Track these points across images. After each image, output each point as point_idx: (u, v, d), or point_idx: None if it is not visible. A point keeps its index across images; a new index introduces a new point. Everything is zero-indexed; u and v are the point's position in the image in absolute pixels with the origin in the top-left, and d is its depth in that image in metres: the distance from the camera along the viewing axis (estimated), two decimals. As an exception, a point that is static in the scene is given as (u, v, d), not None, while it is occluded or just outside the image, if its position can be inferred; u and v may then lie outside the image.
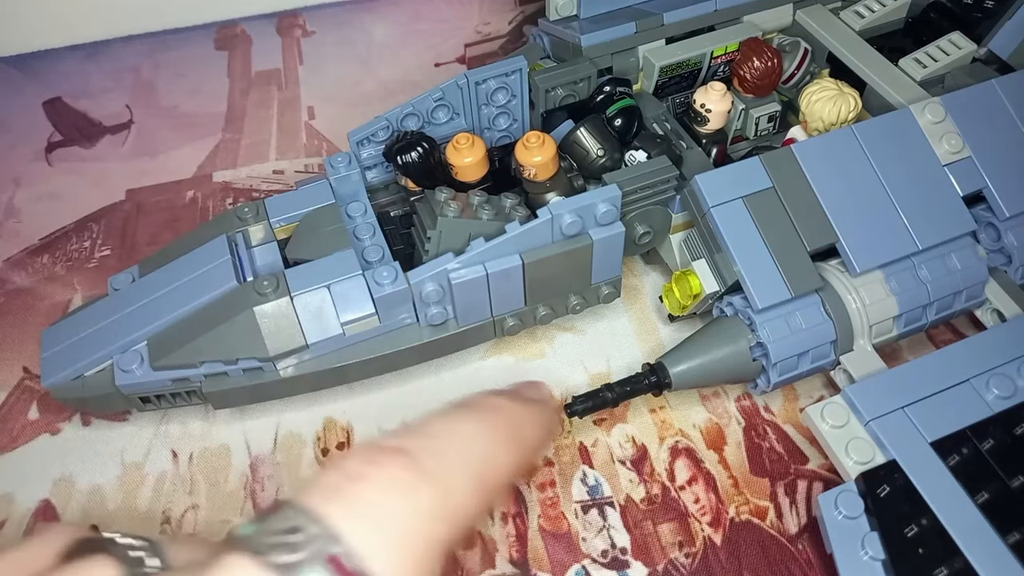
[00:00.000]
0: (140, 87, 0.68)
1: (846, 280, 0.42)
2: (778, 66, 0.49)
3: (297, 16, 0.73)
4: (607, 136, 0.47)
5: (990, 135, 0.45)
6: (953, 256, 0.43)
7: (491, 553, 0.42)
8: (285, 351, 0.41)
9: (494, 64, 0.48)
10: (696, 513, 0.43)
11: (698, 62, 0.51)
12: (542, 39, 0.55)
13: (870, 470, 0.37)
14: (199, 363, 0.41)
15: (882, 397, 0.39)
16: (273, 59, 0.70)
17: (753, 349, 0.42)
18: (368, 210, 0.46)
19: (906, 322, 0.43)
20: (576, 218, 0.41)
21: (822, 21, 0.53)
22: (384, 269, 0.42)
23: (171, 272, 0.43)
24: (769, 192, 0.42)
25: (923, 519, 0.36)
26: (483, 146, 0.46)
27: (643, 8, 0.52)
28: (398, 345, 0.43)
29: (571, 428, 0.46)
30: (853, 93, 0.47)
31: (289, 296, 0.41)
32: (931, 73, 0.49)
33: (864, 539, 0.36)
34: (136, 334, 0.42)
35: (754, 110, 0.50)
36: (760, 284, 0.41)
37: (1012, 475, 0.37)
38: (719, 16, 0.52)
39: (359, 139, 0.48)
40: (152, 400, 0.43)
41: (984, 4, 0.51)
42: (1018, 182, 0.44)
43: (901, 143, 0.44)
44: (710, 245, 0.43)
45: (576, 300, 0.46)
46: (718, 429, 0.46)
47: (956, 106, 0.45)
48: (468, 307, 0.43)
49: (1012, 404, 0.39)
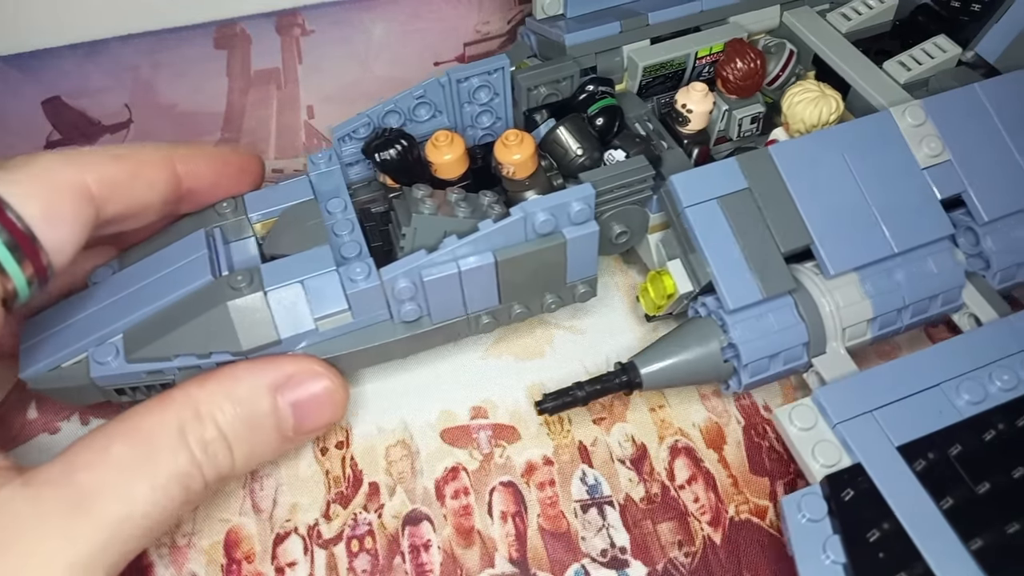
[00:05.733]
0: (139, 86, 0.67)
1: (820, 282, 0.42)
2: (761, 67, 0.48)
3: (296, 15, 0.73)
4: (587, 135, 0.47)
5: (971, 139, 0.45)
6: (930, 260, 0.43)
7: (490, 552, 0.43)
8: (258, 346, 0.41)
9: (476, 62, 0.48)
10: (696, 512, 0.43)
11: (682, 63, 0.51)
12: (530, 38, 0.55)
13: (835, 473, 0.37)
14: (173, 356, 0.42)
15: (851, 400, 0.39)
16: (272, 58, 0.70)
17: (725, 350, 0.42)
18: (348, 206, 0.46)
19: (881, 325, 0.43)
20: (549, 216, 0.41)
21: (808, 23, 0.53)
22: (358, 265, 0.42)
23: (148, 266, 0.44)
24: (744, 193, 0.42)
25: (886, 523, 0.36)
26: (462, 143, 0.46)
27: (630, 8, 0.52)
28: (372, 341, 0.43)
29: (570, 427, 0.47)
30: (835, 95, 0.47)
31: (263, 291, 0.41)
32: (915, 76, 0.49)
33: (826, 543, 0.36)
34: (112, 327, 0.42)
35: (737, 111, 0.50)
36: (732, 285, 0.41)
37: (978, 481, 0.37)
38: (705, 17, 0.52)
39: (341, 135, 0.48)
40: (127, 392, 0.43)
41: (971, 7, 0.51)
42: (998, 186, 0.44)
43: (880, 146, 0.44)
44: (684, 245, 0.43)
45: (552, 299, 0.46)
46: (718, 428, 0.46)
47: (937, 109, 0.45)
48: (441, 304, 0.43)
49: (982, 410, 0.39)
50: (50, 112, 0.66)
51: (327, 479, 0.45)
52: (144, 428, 0.37)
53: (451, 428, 0.47)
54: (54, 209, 0.36)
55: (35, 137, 0.65)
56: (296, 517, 0.44)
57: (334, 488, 0.45)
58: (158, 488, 0.36)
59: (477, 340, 0.51)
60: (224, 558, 0.43)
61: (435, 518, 0.44)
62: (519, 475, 0.45)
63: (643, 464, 0.45)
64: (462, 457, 0.46)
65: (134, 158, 0.41)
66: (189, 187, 0.44)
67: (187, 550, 0.43)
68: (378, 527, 0.44)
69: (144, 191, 0.41)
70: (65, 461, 0.35)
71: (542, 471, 0.45)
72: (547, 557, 0.42)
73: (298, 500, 0.45)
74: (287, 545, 0.43)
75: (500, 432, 0.47)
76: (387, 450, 0.47)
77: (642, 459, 0.45)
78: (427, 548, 0.43)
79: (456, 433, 0.47)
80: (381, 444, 0.47)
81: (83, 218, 0.38)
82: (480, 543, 0.43)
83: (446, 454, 0.46)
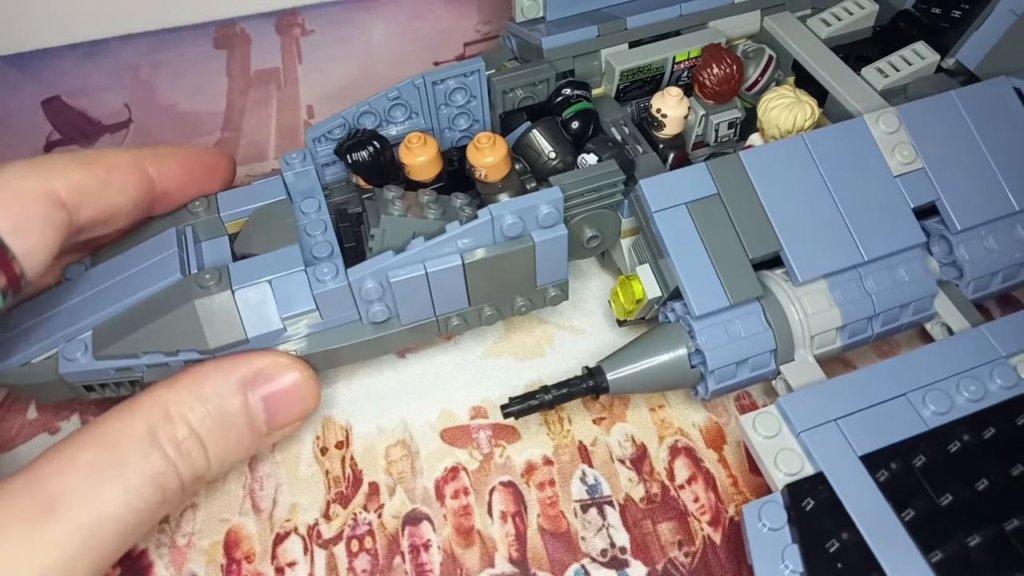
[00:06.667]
0: (139, 86, 0.67)
1: (789, 289, 0.42)
2: (738, 73, 0.48)
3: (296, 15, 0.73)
4: (560, 139, 0.47)
5: (946, 146, 0.44)
6: (901, 268, 0.43)
7: (490, 552, 0.43)
8: (225, 344, 0.41)
9: (451, 65, 0.48)
10: (696, 512, 0.43)
11: (660, 67, 0.51)
12: (511, 40, 0.55)
13: (796, 482, 0.37)
14: (141, 354, 0.42)
15: (815, 408, 0.39)
16: (272, 58, 0.69)
17: (692, 356, 0.42)
18: (322, 206, 0.46)
19: (850, 334, 0.43)
20: (517, 219, 0.41)
21: (788, 28, 0.52)
22: (326, 266, 0.42)
23: (119, 263, 0.44)
24: (714, 199, 0.42)
25: (845, 533, 0.35)
26: (435, 145, 0.46)
27: (609, 12, 0.52)
28: (340, 341, 0.43)
29: (570, 427, 0.47)
30: (810, 101, 0.46)
31: (231, 290, 0.41)
32: (893, 83, 0.48)
33: (784, 551, 0.36)
34: (82, 323, 0.42)
35: (714, 116, 0.50)
36: (699, 290, 0.41)
37: (941, 493, 0.36)
38: (684, 21, 0.52)
39: (316, 136, 0.48)
40: (96, 388, 0.43)
41: (952, 14, 0.51)
42: (972, 195, 0.44)
43: (852, 152, 0.44)
44: (654, 250, 0.43)
45: (522, 301, 0.46)
46: (717, 428, 0.46)
47: (912, 116, 0.44)
48: (409, 305, 0.43)
49: (947, 421, 0.38)
50: (50, 112, 0.66)
51: (327, 479, 0.45)
52: (112, 433, 0.37)
53: (451, 428, 0.47)
54: (23, 218, 0.36)
55: (35, 137, 0.65)
56: (296, 517, 0.44)
57: (334, 488, 0.45)
58: (131, 490, 0.36)
59: (477, 340, 0.51)
60: (224, 558, 0.43)
61: (435, 518, 0.44)
62: (519, 475, 0.45)
63: (643, 464, 0.45)
64: (462, 457, 0.46)
65: (102, 163, 0.41)
66: (163, 188, 0.44)
67: (187, 550, 0.43)
68: (378, 527, 0.44)
69: (116, 195, 0.41)
70: (32, 471, 0.35)
71: (542, 471, 0.45)
72: (547, 557, 0.42)
73: (298, 500, 0.45)
74: (287, 545, 0.43)
75: (500, 432, 0.47)
76: (387, 450, 0.46)
77: (642, 459, 0.45)
78: (427, 548, 0.43)
79: (456, 433, 0.47)
80: (381, 444, 0.47)
81: (54, 225, 0.38)
82: (480, 543, 0.43)
83: (446, 454, 0.46)
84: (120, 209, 0.42)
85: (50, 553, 0.33)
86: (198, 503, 0.45)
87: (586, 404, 0.47)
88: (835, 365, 0.47)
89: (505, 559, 0.42)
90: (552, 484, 0.45)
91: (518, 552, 0.42)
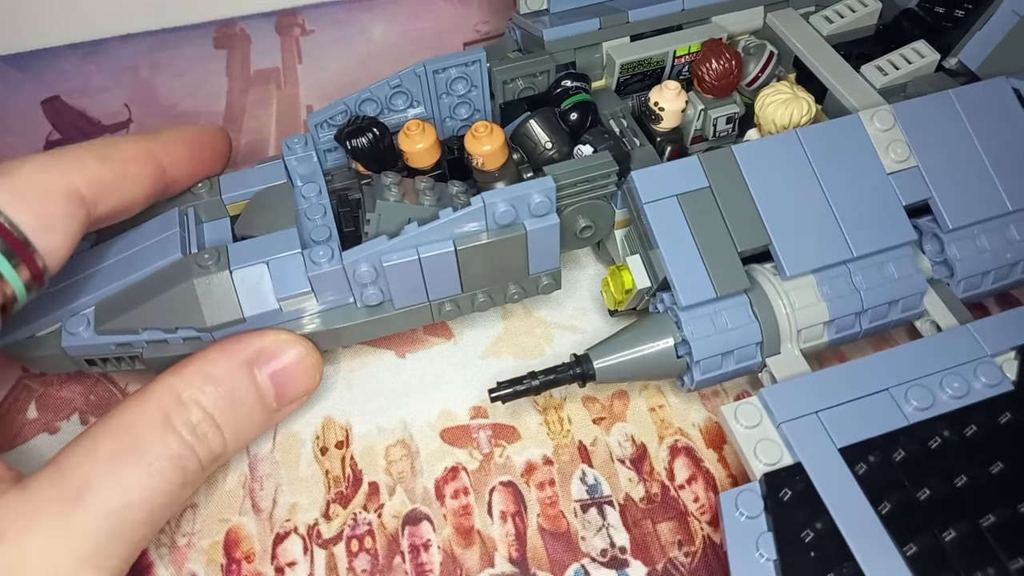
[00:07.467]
0: (139, 86, 0.69)
1: (777, 283, 0.42)
2: (736, 68, 0.49)
3: (296, 15, 0.73)
4: (557, 129, 0.47)
5: (940, 145, 0.44)
6: (891, 265, 0.43)
7: (490, 552, 0.43)
8: (222, 323, 0.43)
9: (452, 54, 0.49)
10: (696, 512, 0.43)
11: (660, 61, 0.51)
12: (516, 32, 0.56)
13: (774, 471, 0.37)
14: (141, 330, 0.43)
15: (797, 400, 0.39)
16: (272, 58, 0.71)
17: (679, 346, 0.42)
18: (323, 191, 0.47)
19: (838, 329, 0.43)
20: (509, 208, 0.42)
21: (791, 25, 0.52)
22: (322, 249, 0.43)
23: (123, 242, 0.45)
24: (705, 192, 0.43)
25: (820, 524, 0.36)
26: (434, 133, 0.47)
27: (611, 5, 0.52)
28: (334, 324, 0.44)
29: (570, 427, 0.47)
30: (808, 97, 0.46)
31: (228, 270, 0.42)
32: (892, 81, 0.49)
33: (759, 539, 0.36)
34: (85, 299, 0.44)
35: (713, 111, 0.50)
36: (686, 281, 0.41)
37: (919, 488, 0.36)
38: (686, 16, 0.52)
39: (318, 122, 0.49)
40: (98, 363, 0.45)
41: (955, 14, 0.51)
42: (965, 194, 0.44)
43: (846, 149, 0.44)
44: (644, 241, 0.44)
45: (515, 289, 0.46)
46: (717, 428, 0.46)
47: (907, 114, 0.44)
48: (403, 290, 0.44)
49: (928, 416, 0.38)
50: (50, 112, 0.67)
51: (327, 479, 0.46)
52: (128, 423, 0.38)
53: (451, 428, 0.47)
54: (47, 216, 0.37)
55: (35, 137, 0.65)
56: (296, 517, 0.44)
57: (334, 488, 0.45)
58: (153, 473, 0.37)
59: (477, 340, 0.51)
60: (224, 558, 0.43)
61: (435, 518, 0.44)
62: (519, 475, 0.45)
63: (643, 464, 0.45)
64: (462, 457, 0.46)
65: (119, 157, 0.42)
66: (173, 176, 0.45)
67: (187, 550, 0.43)
68: (378, 527, 0.44)
69: (131, 188, 0.42)
70: (55, 464, 0.37)
71: (542, 471, 0.45)
72: (547, 557, 0.42)
73: (298, 500, 0.45)
74: (287, 545, 0.43)
75: (500, 432, 0.47)
76: (387, 450, 0.47)
77: (642, 459, 0.45)
78: (427, 548, 0.43)
79: (456, 433, 0.47)
80: (381, 444, 0.47)
81: (75, 221, 0.39)
82: (480, 543, 0.43)
83: (446, 454, 0.46)
84: (134, 201, 0.43)
85: (83, 541, 0.34)
86: (198, 503, 0.45)
87: (586, 404, 0.48)
88: (830, 360, 0.48)
89: (505, 559, 0.42)
90: (552, 484, 0.45)
91: (518, 552, 0.43)
